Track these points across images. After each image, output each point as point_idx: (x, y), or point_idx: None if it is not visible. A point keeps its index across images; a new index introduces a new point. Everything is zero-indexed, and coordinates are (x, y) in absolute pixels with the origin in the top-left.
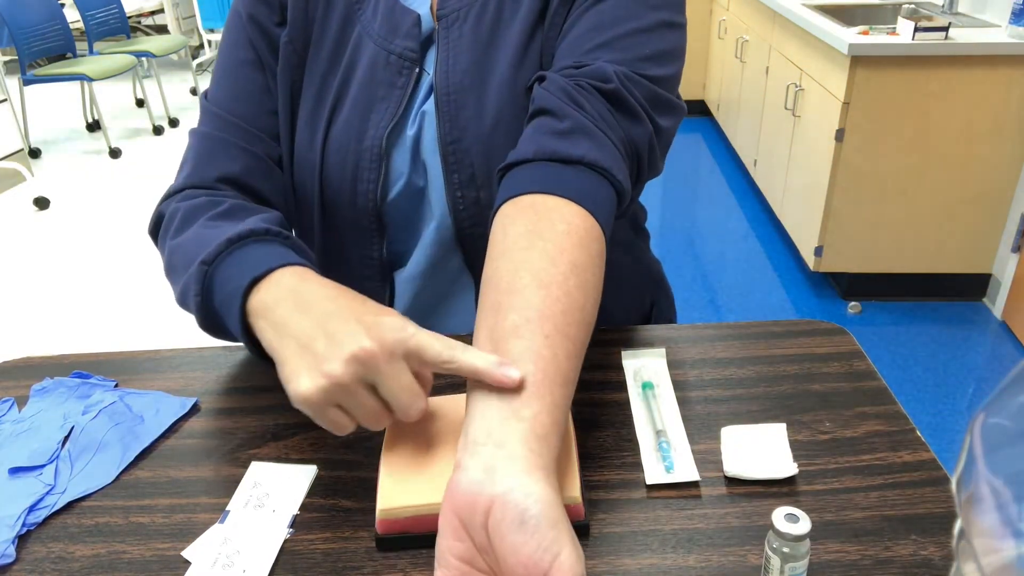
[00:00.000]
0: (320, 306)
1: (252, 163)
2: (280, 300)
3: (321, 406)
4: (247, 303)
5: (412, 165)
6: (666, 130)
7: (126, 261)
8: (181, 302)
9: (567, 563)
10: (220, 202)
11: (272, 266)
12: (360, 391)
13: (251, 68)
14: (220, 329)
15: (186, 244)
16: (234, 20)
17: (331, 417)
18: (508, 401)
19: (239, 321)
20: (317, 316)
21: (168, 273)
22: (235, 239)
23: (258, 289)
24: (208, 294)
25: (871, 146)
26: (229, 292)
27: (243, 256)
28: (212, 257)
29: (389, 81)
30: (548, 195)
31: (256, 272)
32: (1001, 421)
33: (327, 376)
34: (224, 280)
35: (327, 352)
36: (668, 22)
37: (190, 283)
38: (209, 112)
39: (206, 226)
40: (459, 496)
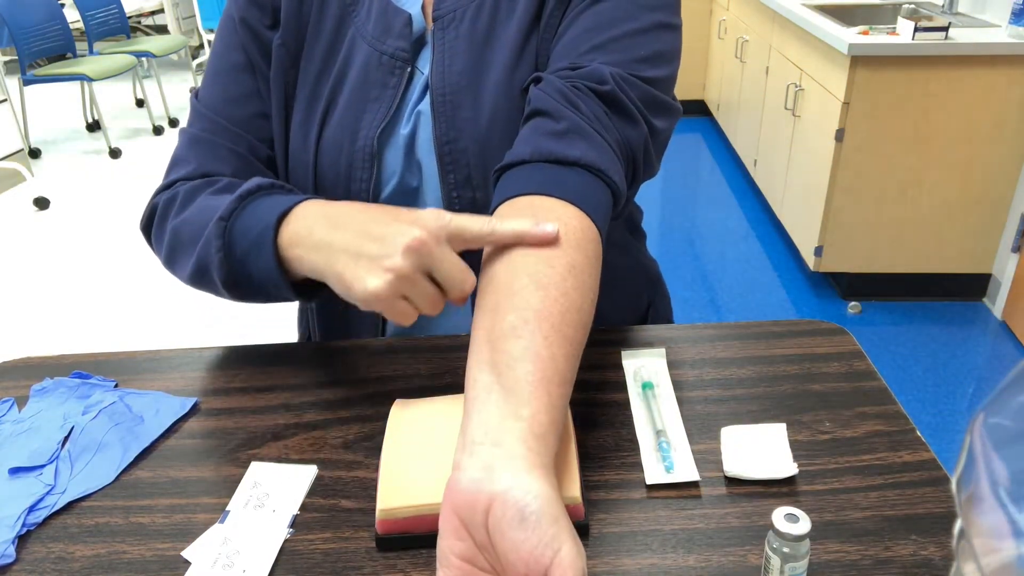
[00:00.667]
0: (355, 219)
1: (241, 165)
2: (313, 226)
3: (391, 299)
4: (278, 240)
5: (405, 164)
6: (661, 131)
7: (126, 261)
8: (198, 270)
9: (568, 558)
10: (216, 180)
11: (292, 203)
12: (420, 278)
13: (242, 71)
14: (245, 282)
15: (193, 217)
16: (226, 23)
17: (399, 308)
18: (506, 401)
19: (273, 259)
20: (356, 227)
21: (173, 254)
22: (246, 194)
23: (287, 222)
24: (230, 247)
25: (871, 146)
26: (256, 235)
27: (259, 205)
28: (228, 213)
29: (381, 81)
30: (545, 196)
31: (281, 208)
32: (1001, 421)
33: (391, 270)
34: (245, 229)
35: (383, 250)
36: (663, 23)
37: (209, 241)
38: (199, 113)
39: (209, 198)
40: (459, 495)
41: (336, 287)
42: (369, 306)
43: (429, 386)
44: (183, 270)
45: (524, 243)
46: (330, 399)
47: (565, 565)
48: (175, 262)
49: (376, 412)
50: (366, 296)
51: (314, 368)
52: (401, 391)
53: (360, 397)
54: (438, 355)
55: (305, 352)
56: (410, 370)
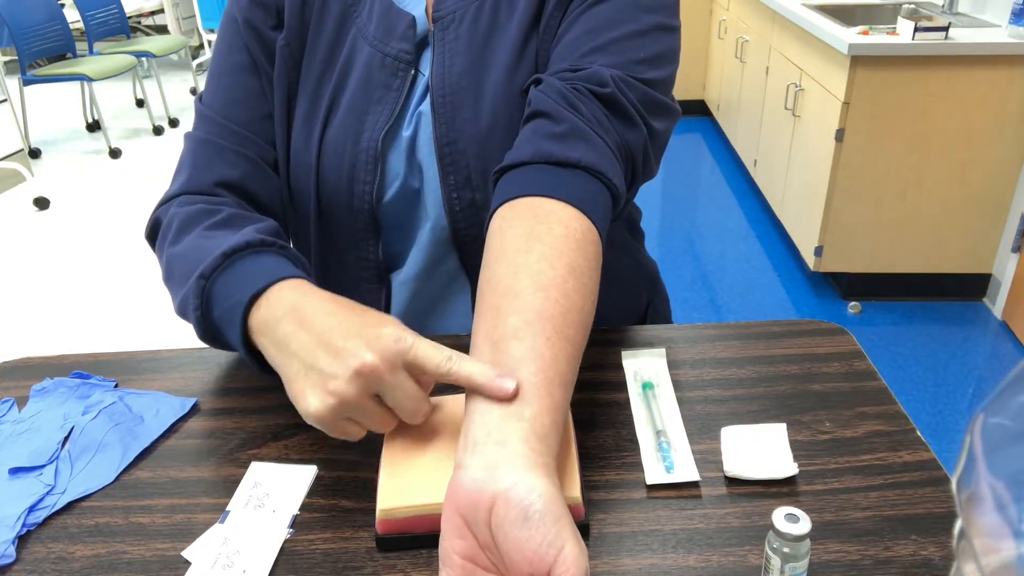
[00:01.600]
0: (320, 322)
1: (249, 168)
2: (280, 318)
3: (332, 421)
4: (248, 320)
5: (408, 167)
6: (660, 133)
7: (126, 261)
8: (180, 312)
9: (571, 556)
10: (217, 211)
11: (270, 281)
12: (367, 403)
13: (246, 72)
14: (219, 340)
15: (183, 254)
16: (229, 24)
17: (343, 429)
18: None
19: (240, 338)
20: (318, 332)
21: (166, 281)
22: (230, 252)
23: (258, 306)
24: (207, 307)
25: (871, 146)
26: (229, 307)
27: (240, 269)
28: (210, 271)
29: (384, 83)
30: (546, 198)
31: (255, 288)
32: (1001, 421)
33: (334, 394)
34: (223, 295)
35: (332, 369)
36: (662, 25)
37: (189, 296)
38: (204, 116)
39: (203, 236)
40: (461, 494)
41: (287, 392)
42: (312, 423)
43: None
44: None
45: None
46: None
47: (569, 563)
48: (168, 288)
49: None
50: (306, 416)
51: None
52: None
53: None
54: None
55: None
56: None
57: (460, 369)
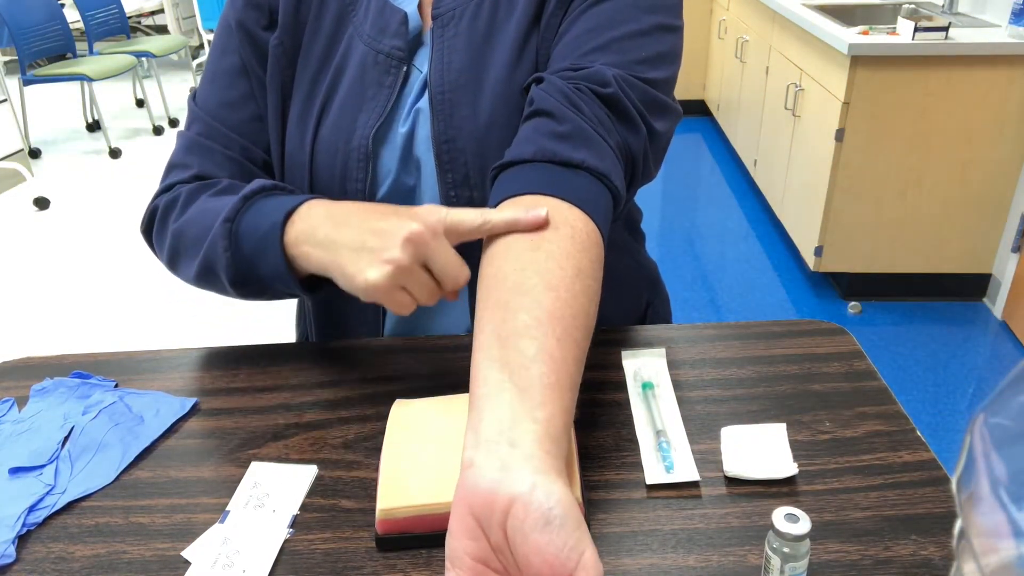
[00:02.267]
0: (357, 216)
1: (235, 170)
2: (317, 225)
3: (389, 290)
4: (284, 239)
5: (401, 164)
6: (661, 134)
7: (126, 261)
8: (203, 270)
9: (591, 562)
10: (216, 183)
11: (298, 202)
12: (417, 270)
13: (236, 75)
14: (252, 281)
15: (194, 219)
16: (222, 27)
17: (398, 298)
18: (521, 401)
19: (281, 254)
20: (358, 223)
21: (176, 255)
22: (249, 195)
23: (292, 222)
24: (237, 246)
25: (871, 146)
26: (263, 234)
27: (263, 205)
28: (233, 214)
29: (377, 80)
30: (550, 197)
31: (287, 207)
32: (1001, 421)
33: (390, 262)
34: (251, 229)
35: (383, 244)
36: (664, 25)
37: (215, 242)
38: (196, 116)
39: (210, 200)
40: (475, 495)
41: (340, 281)
42: (370, 297)
43: (429, 386)
44: (187, 270)
45: (517, 229)
46: (330, 399)
47: (589, 568)
48: (178, 263)
49: (376, 412)
50: (367, 287)
51: (314, 368)
52: (401, 391)
53: (360, 397)
54: (438, 355)
55: (305, 352)
56: (410, 370)
57: (495, 217)
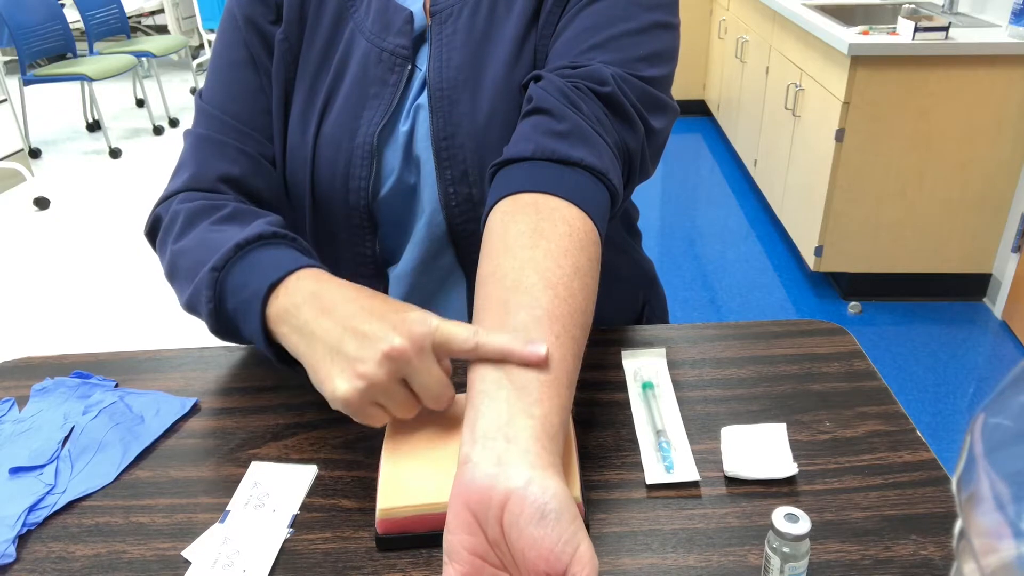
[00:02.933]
0: (343, 307)
1: (249, 164)
2: (301, 304)
3: (360, 405)
4: (266, 310)
5: (404, 162)
6: (659, 132)
7: (126, 261)
8: (189, 308)
9: (587, 555)
10: (222, 206)
11: (288, 270)
12: (394, 386)
13: (244, 68)
14: (233, 334)
15: (191, 249)
16: (228, 20)
17: (369, 413)
18: (518, 398)
19: (259, 327)
20: (341, 317)
21: (171, 278)
22: (243, 244)
23: (276, 295)
24: (221, 300)
25: (871, 146)
26: (246, 298)
27: (254, 261)
28: (222, 263)
29: (381, 78)
30: (548, 195)
31: (273, 277)
32: (1001, 421)
33: (363, 377)
34: (237, 286)
35: (360, 353)
36: (662, 23)
37: (200, 289)
38: (204, 112)
39: (210, 230)
40: (472, 490)
41: (311, 377)
42: (337, 407)
43: None
44: (179, 297)
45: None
46: None
47: (584, 561)
48: (173, 285)
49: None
50: (334, 400)
51: None
52: None
53: None
54: None
55: None
56: None
57: (489, 341)
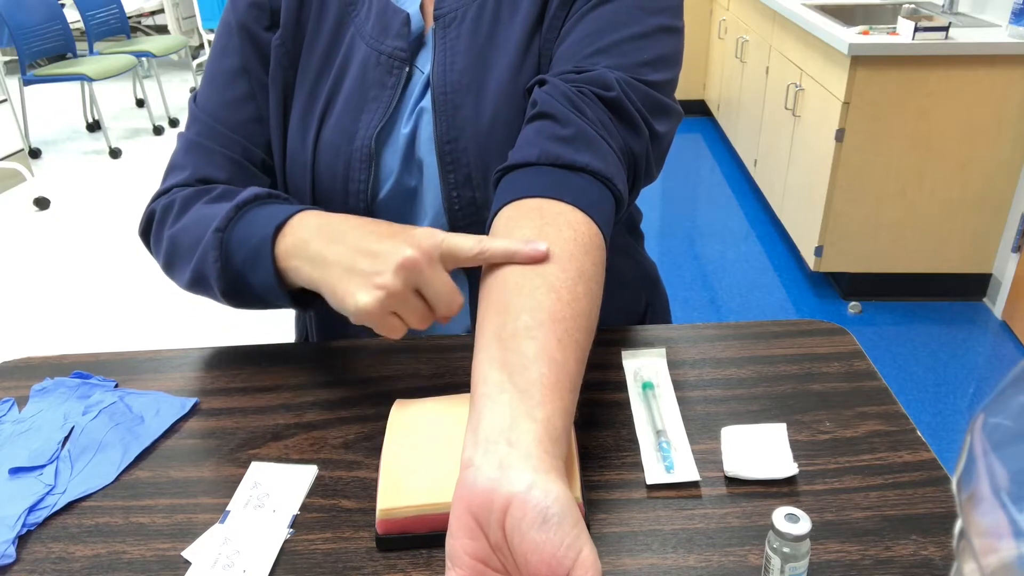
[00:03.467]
0: (351, 234)
1: (235, 170)
2: (309, 238)
3: (381, 315)
4: (275, 251)
5: (404, 164)
6: (663, 136)
7: (126, 261)
8: (195, 279)
9: (589, 560)
10: (212, 189)
11: (289, 213)
12: (410, 295)
13: (236, 76)
14: (243, 291)
15: (189, 226)
16: (223, 27)
17: (389, 323)
18: (521, 402)
19: (271, 269)
20: (351, 241)
21: (171, 262)
22: (242, 204)
23: (283, 235)
24: (228, 258)
25: (871, 146)
26: (253, 245)
27: (255, 216)
28: (224, 223)
29: (379, 81)
30: (553, 200)
31: (277, 221)
32: (1002, 421)
33: (382, 287)
34: (242, 239)
35: (375, 267)
36: (666, 27)
37: (207, 252)
38: (196, 117)
39: (205, 207)
40: (474, 494)
41: (330, 300)
42: (360, 320)
43: (429, 386)
44: (181, 277)
45: (514, 261)
46: (330, 399)
47: (587, 566)
48: (173, 269)
49: (376, 412)
50: (357, 311)
51: (314, 368)
52: (401, 391)
53: (360, 397)
54: (438, 355)
55: (305, 352)
56: (410, 370)
57: (492, 246)
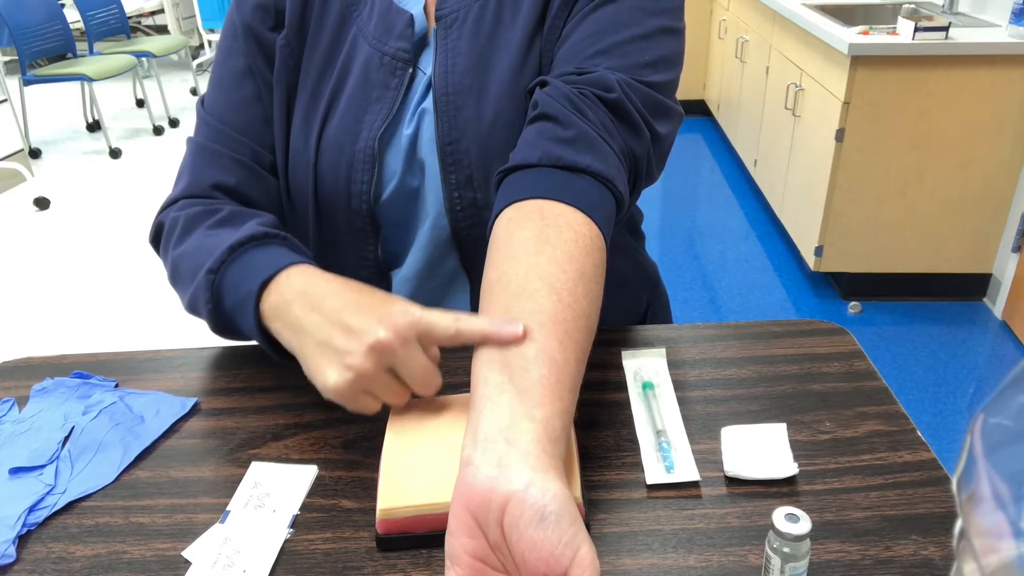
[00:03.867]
0: (330, 302)
1: (244, 173)
2: (291, 301)
3: (351, 395)
4: (260, 307)
5: (406, 165)
6: (664, 137)
7: (126, 261)
8: (191, 309)
9: (587, 558)
10: (217, 210)
11: (277, 268)
12: (382, 376)
13: (242, 77)
14: (233, 331)
15: (189, 253)
16: (228, 29)
17: (361, 402)
18: (520, 402)
19: (254, 324)
20: (329, 312)
21: (173, 282)
22: (236, 246)
23: (268, 292)
24: (218, 300)
25: (871, 146)
26: (241, 298)
27: (247, 261)
28: (217, 265)
29: (383, 82)
30: (554, 201)
31: (264, 276)
32: (1002, 421)
33: (351, 368)
34: (232, 286)
35: (348, 346)
36: (667, 28)
37: (199, 291)
38: (203, 120)
39: (206, 235)
40: (473, 493)
41: (304, 369)
42: (330, 398)
43: None
44: (181, 300)
45: (489, 343)
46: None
47: (585, 564)
48: (176, 288)
49: (376, 412)
50: (326, 389)
51: None
52: None
53: None
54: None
55: None
56: None
57: (469, 326)
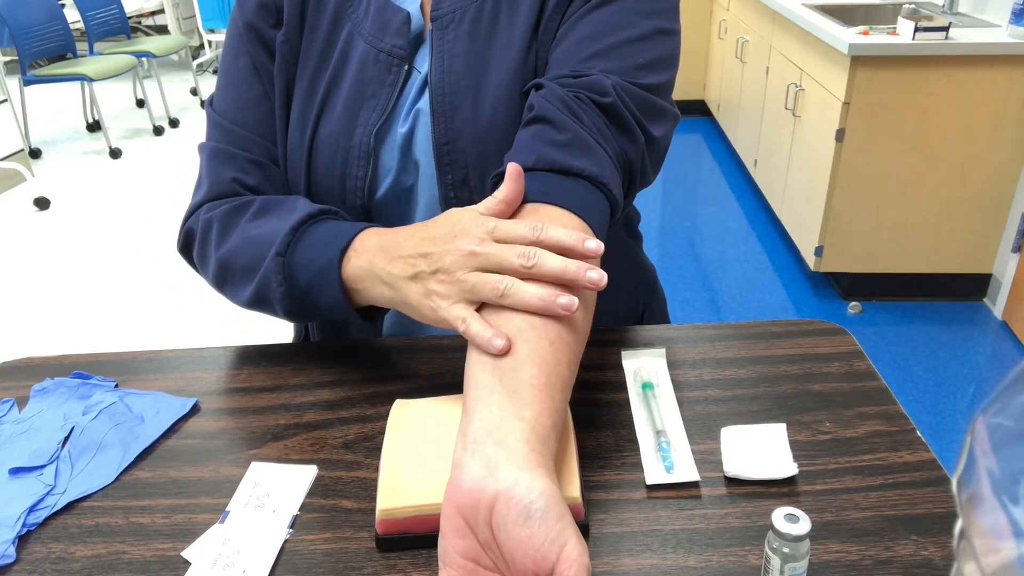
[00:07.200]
0: (406, 246)
1: (260, 172)
2: (372, 259)
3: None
4: (342, 275)
5: (401, 163)
6: (659, 139)
7: (126, 261)
8: (256, 300)
9: (574, 553)
10: (248, 203)
11: (350, 236)
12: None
13: (249, 76)
14: (308, 311)
15: (240, 248)
16: (232, 29)
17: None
18: (510, 402)
19: (340, 290)
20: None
21: (222, 281)
22: (298, 226)
23: (347, 259)
24: (292, 281)
25: (871, 146)
26: (319, 268)
27: (315, 236)
28: (284, 247)
29: (378, 79)
30: (548, 205)
31: (340, 244)
32: (1002, 421)
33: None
34: (306, 262)
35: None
36: (662, 29)
37: (269, 278)
38: (215, 122)
39: (251, 226)
40: (461, 494)
41: (409, 314)
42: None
43: (429, 386)
44: (238, 298)
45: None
46: (330, 399)
47: (572, 560)
48: (225, 289)
49: (376, 412)
50: (436, 319)
51: (314, 368)
52: (401, 391)
53: (360, 397)
54: (438, 355)
55: (305, 352)
56: (410, 370)
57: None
